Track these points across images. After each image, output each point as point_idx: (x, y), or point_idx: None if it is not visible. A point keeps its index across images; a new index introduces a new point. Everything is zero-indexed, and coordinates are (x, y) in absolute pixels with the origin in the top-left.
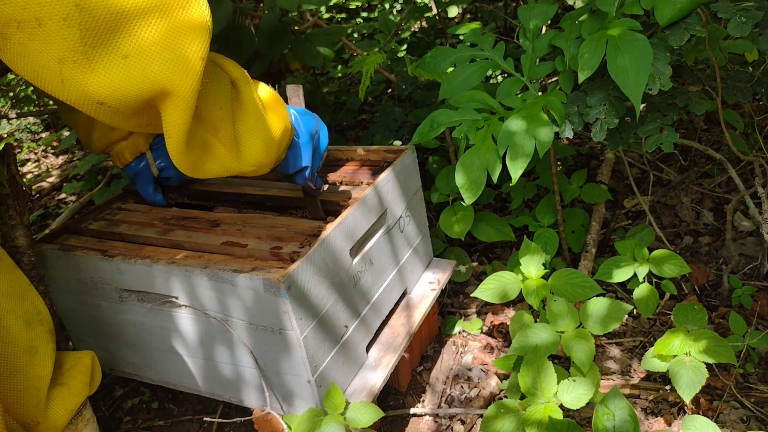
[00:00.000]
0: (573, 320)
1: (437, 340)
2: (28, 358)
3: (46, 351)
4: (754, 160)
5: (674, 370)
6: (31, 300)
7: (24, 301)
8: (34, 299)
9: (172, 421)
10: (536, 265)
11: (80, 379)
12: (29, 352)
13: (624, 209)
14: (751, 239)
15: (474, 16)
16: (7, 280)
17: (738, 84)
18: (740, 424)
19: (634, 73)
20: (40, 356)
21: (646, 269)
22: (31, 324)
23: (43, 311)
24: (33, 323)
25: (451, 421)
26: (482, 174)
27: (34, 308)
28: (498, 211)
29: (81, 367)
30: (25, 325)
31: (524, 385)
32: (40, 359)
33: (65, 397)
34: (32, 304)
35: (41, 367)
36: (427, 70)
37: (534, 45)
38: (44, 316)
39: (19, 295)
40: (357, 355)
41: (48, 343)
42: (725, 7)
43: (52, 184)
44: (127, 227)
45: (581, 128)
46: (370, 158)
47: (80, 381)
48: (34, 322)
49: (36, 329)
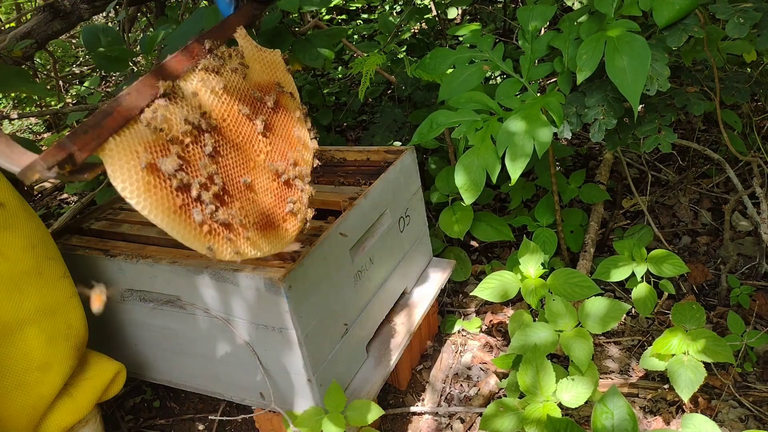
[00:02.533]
0: (572, 319)
1: (437, 339)
2: (39, 374)
3: (62, 369)
4: (752, 160)
5: (673, 369)
6: (64, 315)
7: (54, 317)
8: (68, 314)
9: (173, 420)
10: (535, 265)
11: (88, 396)
12: (42, 368)
13: (622, 209)
14: (749, 239)
15: (473, 18)
16: (42, 295)
17: (736, 84)
18: (738, 423)
19: (633, 74)
20: (52, 374)
21: (645, 269)
22: (54, 340)
23: (75, 325)
24: (57, 339)
25: (451, 420)
26: (481, 174)
27: (65, 323)
28: (497, 211)
29: (97, 381)
30: (47, 341)
31: (523, 384)
32: (52, 378)
33: (65, 412)
34: (64, 320)
35: (48, 386)
36: (427, 71)
37: (533, 46)
38: (74, 331)
39: (51, 311)
40: (357, 354)
41: (67, 360)
42: (723, 8)
43: (54, 184)
44: (129, 227)
45: (580, 129)
46: (371, 158)
47: (87, 398)
48: (59, 338)
49: (59, 346)
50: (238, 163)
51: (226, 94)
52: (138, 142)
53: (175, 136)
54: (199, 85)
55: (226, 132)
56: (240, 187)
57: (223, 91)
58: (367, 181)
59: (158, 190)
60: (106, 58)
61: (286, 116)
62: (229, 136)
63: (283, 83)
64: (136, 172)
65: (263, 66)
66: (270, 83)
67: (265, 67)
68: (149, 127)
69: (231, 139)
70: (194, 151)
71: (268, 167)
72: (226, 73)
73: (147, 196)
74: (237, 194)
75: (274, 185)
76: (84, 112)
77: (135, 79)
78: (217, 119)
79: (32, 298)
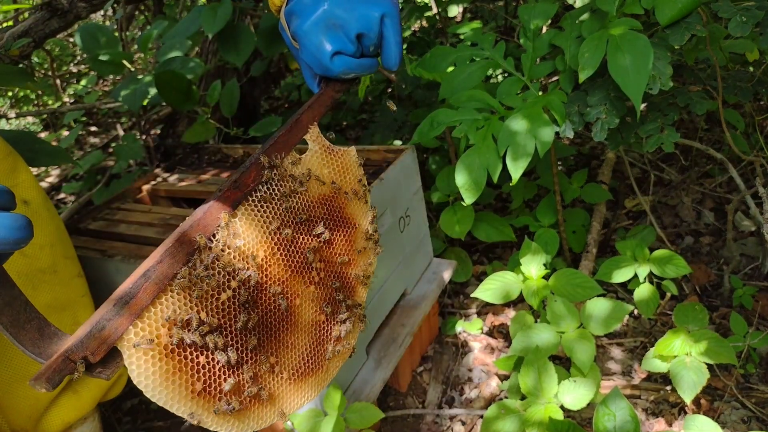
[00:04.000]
0: (574, 321)
1: (437, 341)
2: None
3: None
4: (755, 159)
5: (675, 371)
6: (71, 311)
7: (62, 312)
8: (77, 310)
9: (171, 422)
10: (537, 266)
11: (92, 394)
12: None
13: (625, 209)
14: (752, 239)
15: (474, 16)
16: (55, 293)
17: (739, 84)
18: (741, 424)
19: (635, 73)
20: None
21: (647, 269)
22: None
23: (81, 322)
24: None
25: (452, 422)
26: (482, 174)
27: (72, 319)
28: (498, 211)
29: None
30: None
31: (525, 386)
32: None
33: (68, 408)
34: (71, 315)
35: None
36: (428, 70)
37: (534, 44)
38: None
39: (60, 307)
40: (357, 356)
41: None
42: (726, 6)
43: (51, 184)
44: (126, 227)
45: (582, 128)
46: (371, 158)
47: (91, 395)
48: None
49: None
50: (282, 319)
51: (278, 233)
52: (163, 323)
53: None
54: (245, 227)
55: (270, 274)
56: (283, 344)
57: (276, 229)
58: (367, 180)
59: (181, 376)
60: (102, 62)
61: (349, 225)
62: (274, 276)
63: (357, 189)
64: (155, 362)
65: (333, 171)
66: (338, 191)
67: (335, 173)
68: (184, 298)
69: (276, 281)
70: (231, 318)
71: (318, 299)
72: (283, 200)
73: (166, 386)
74: (280, 353)
75: (321, 318)
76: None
77: (133, 80)
78: (263, 263)
79: (44, 294)
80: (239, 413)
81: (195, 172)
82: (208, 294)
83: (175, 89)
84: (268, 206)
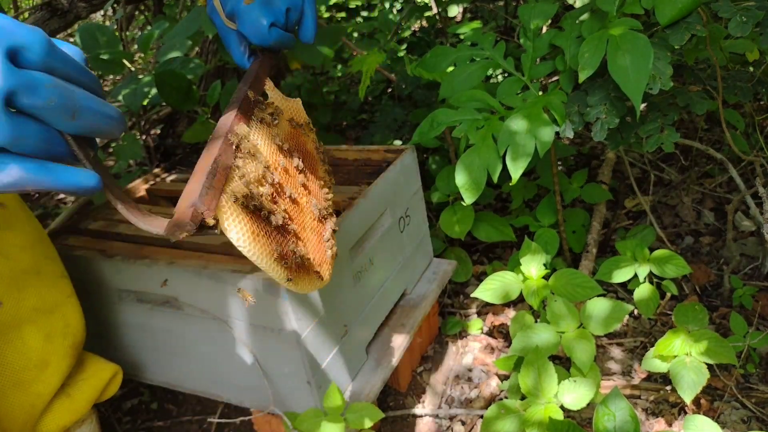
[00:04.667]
0: (574, 321)
1: (437, 341)
2: (36, 372)
3: (59, 367)
4: (755, 160)
5: (675, 371)
6: (61, 313)
7: (52, 315)
8: (66, 312)
9: (171, 422)
10: (537, 266)
11: (86, 396)
12: (39, 366)
13: (625, 209)
14: (752, 239)
15: (474, 16)
16: (41, 294)
17: (739, 84)
18: (741, 424)
19: (635, 73)
20: (49, 372)
21: (647, 269)
22: (51, 338)
23: (73, 324)
24: (54, 337)
25: (452, 422)
26: (482, 174)
27: (63, 321)
28: (498, 211)
29: (95, 381)
30: (44, 338)
31: (525, 386)
32: (48, 376)
33: (63, 412)
34: (61, 318)
35: (45, 384)
36: (427, 70)
37: (534, 44)
38: (72, 329)
39: (48, 309)
40: (357, 356)
41: (64, 359)
42: (726, 6)
43: None
44: (126, 227)
45: (582, 128)
46: (370, 158)
47: (85, 398)
48: (56, 336)
49: (56, 343)
50: (299, 210)
51: (279, 146)
52: (238, 197)
53: (259, 190)
54: (258, 139)
55: (285, 182)
56: (307, 229)
57: (278, 143)
58: (367, 180)
59: (261, 238)
60: (103, 61)
61: (312, 158)
62: (287, 184)
63: (307, 128)
64: (244, 224)
65: (292, 114)
66: (297, 130)
67: (294, 115)
68: (242, 182)
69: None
70: (274, 201)
71: (312, 209)
72: (274, 124)
73: (256, 244)
74: (306, 237)
75: (317, 225)
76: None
77: (133, 80)
78: (277, 170)
79: (31, 297)
80: (297, 275)
81: None
82: (256, 179)
83: (175, 89)
84: (267, 128)
